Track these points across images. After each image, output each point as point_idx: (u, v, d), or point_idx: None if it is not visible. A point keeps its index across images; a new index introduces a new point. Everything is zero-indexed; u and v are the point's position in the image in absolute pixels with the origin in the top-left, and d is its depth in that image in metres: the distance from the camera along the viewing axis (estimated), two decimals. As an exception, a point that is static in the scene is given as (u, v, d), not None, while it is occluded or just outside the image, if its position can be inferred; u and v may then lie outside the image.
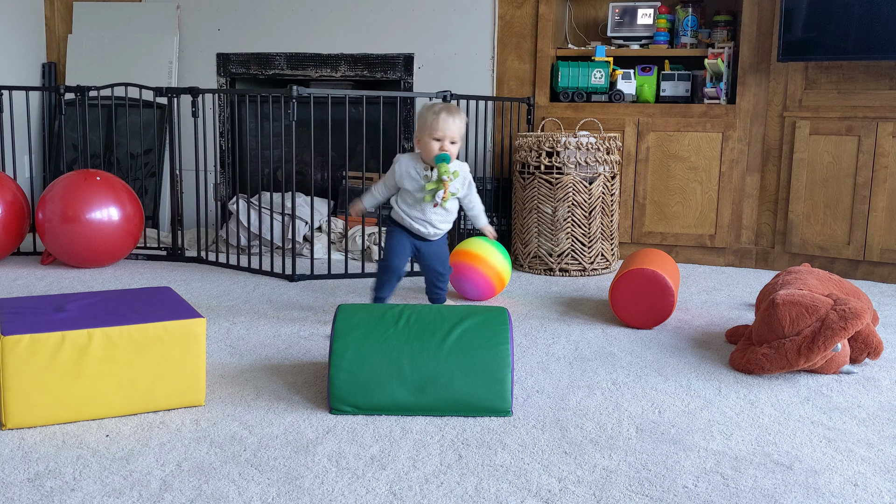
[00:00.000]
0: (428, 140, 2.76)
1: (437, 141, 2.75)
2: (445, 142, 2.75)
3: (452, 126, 2.76)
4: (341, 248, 4.29)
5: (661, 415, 2.16)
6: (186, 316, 2.11)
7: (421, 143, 2.80)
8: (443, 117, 2.74)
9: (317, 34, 4.73)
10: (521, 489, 1.73)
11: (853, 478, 1.82)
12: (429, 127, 2.75)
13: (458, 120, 2.77)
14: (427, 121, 2.76)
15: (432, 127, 2.75)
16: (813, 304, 2.44)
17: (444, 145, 2.75)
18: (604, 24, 4.52)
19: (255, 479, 1.75)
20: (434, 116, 2.75)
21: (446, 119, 2.74)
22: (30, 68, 5.00)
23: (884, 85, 3.84)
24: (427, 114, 2.77)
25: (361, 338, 2.14)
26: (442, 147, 2.75)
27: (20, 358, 1.94)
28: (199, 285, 3.58)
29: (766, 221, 4.16)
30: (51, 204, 3.75)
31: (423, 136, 2.78)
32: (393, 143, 4.57)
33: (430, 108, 2.78)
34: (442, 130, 2.74)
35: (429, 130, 2.75)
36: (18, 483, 1.71)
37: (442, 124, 2.74)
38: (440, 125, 2.74)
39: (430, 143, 2.76)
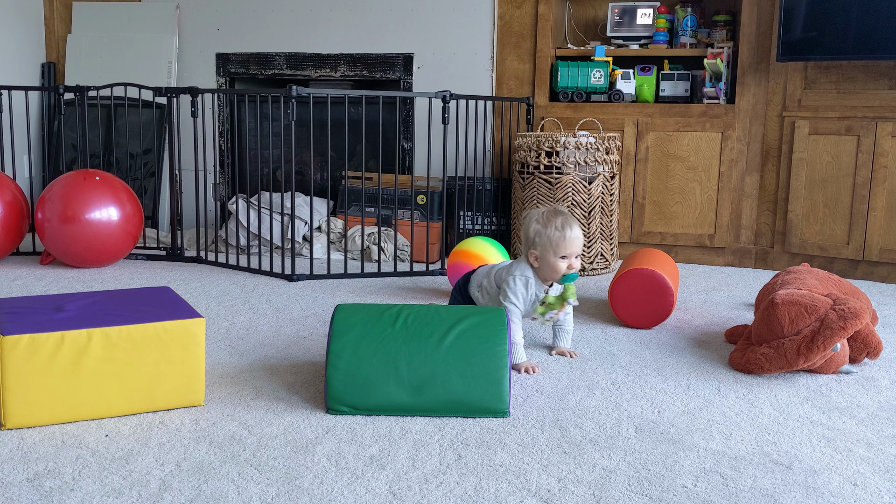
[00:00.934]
0: (553, 259, 2.52)
1: (564, 259, 2.53)
2: (571, 258, 2.53)
3: (579, 239, 2.54)
4: (341, 247, 4.29)
5: (660, 414, 2.16)
6: (186, 316, 2.11)
7: (541, 261, 2.55)
8: (569, 234, 2.51)
9: (316, 34, 4.73)
10: (520, 489, 1.73)
11: (852, 477, 1.82)
12: (553, 246, 2.51)
13: (579, 229, 2.56)
14: (550, 239, 2.51)
15: (558, 245, 2.51)
16: (812, 304, 2.44)
17: (572, 262, 2.53)
18: (603, 23, 4.52)
19: (254, 479, 1.75)
20: (558, 234, 2.51)
21: (572, 235, 2.51)
22: (29, 68, 5.00)
23: (883, 85, 3.84)
24: (546, 231, 2.52)
25: (359, 338, 2.14)
26: (570, 265, 2.53)
27: (19, 358, 1.93)
28: (199, 285, 3.58)
29: (765, 221, 4.16)
30: (50, 204, 3.75)
31: (547, 255, 2.53)
32: (392, 143, 4.57)
33: (550, 223, 2.54)
34: (570, 248, 2.51)
35: (553, 249, 2.51)
36: (18, 483, 1.71)
37: (569, 242, 2.51)
38: (568, 243, 2.51)
39: (555, 263, 2.52)
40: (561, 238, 2.50)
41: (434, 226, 4.19)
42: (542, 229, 2.53)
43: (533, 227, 2.56)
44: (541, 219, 2.57)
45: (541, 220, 2.56)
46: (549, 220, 2.54)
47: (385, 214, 4.29)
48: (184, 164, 4.69)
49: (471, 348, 2.12)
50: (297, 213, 4.22)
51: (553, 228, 2.52)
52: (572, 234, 2.51)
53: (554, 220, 2.54)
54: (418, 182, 4.37)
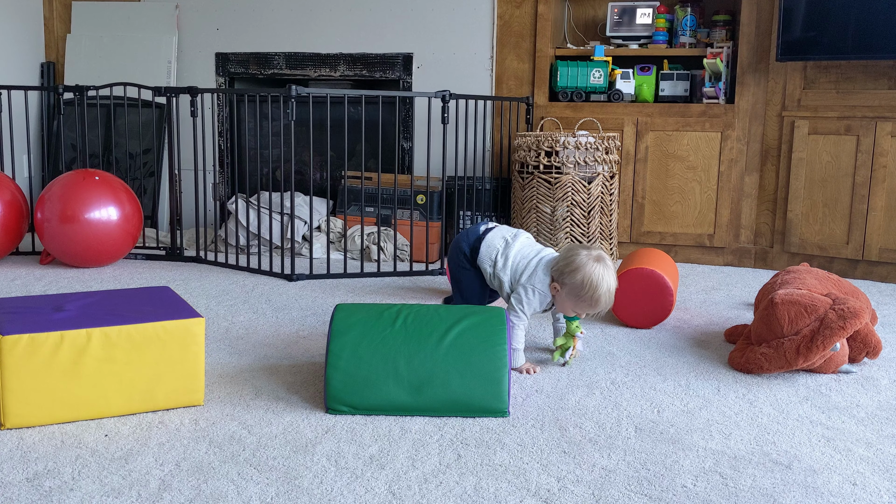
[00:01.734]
0: (571, 305, 2.45)
1: (582, 312, 2.47)
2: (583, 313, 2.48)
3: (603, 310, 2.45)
4: (340, 247, 4.29)
5: (659, 414, 2.16)
6: (185, 316, 2.11)
7: (560, 295, 2.46)
8: (602, 303, 2.40)
9: (316, 34, 4.73)
10: (520, 488, 1.73)
11: (852, 477, 1.82)
12: (583, 299, 2.41)
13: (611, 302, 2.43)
14: (586, 295, 2.39)
15: (586, 303, 2.42)
16: (812, 304, 2.44)
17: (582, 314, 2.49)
18: (603, 23, 4.52)
19: (253, 479, 1.75)
20: (593, 296, 2.39)
21: (601, 305, 2.41)
22: (28, 68, 4.99)
23: (882, 84, 3.84)
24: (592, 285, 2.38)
25: (358, 338, 2.14)
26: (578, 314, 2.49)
27: (19, 358, 1.93)
28: (198, 285, 3.58)
29: (764, 221, 4.16)
30: (49, 203, 3.74)
31: (570, 298, 2.44)
32: (392, 142, 4.57)
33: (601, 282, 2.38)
34: (591, 309, 2.44)
35: (580, 302, 2.42)
36: (17, 483, 1.71)
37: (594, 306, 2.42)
38: (592, 306, 2.43)
39: (571, 307, 2.46)
40: (595, 300, 2.40)
41: (433, 225, 4.19)
42: (587, 280, 2.38)
43: (580, 273, 2.40)
44: (593, 272, 2.39)
45: (592, 272, 2.39)
46: (602, 278, 2.39)
47: (384, 214, 4.29)
48: (183, 163, 4.69)
49: (470, 348, 2.12)
50: (297, 213, 4.22)
51: (600, 292, 2.39)
52: (602, 304, 2.41)
53: (607, 280, 2.39)
54: (418, 182, 4.37)
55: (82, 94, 4.12)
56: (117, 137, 4.85)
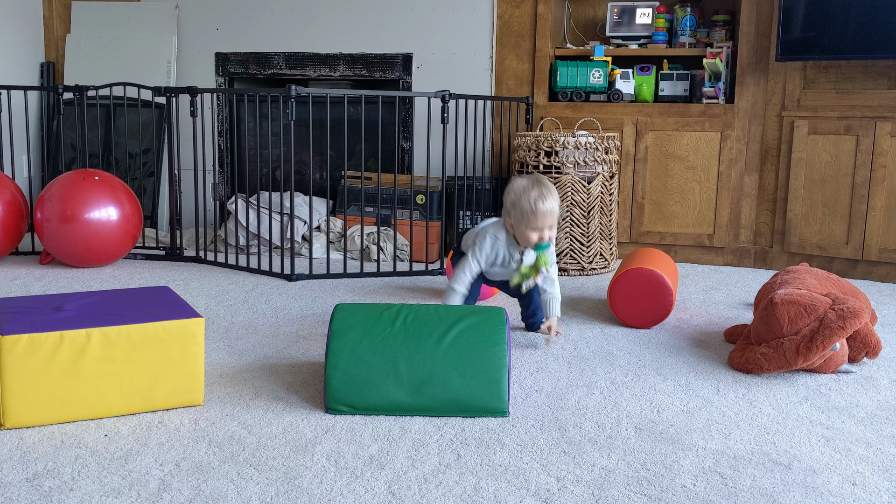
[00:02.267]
0: (525, 230, 2.56)
1: (535, 230, 2.56)
2: (544, 231, 2.56)
3: (552, 214, 2.54)
4: (340, 247, 4.29)
5: (659, 414, 2.16)
6: (185, 316, 2.11)
7: (515, 229, 2.60)
8: (541, 208, 2.52)
9: (315, 34, 4.73)
10: (519, 488, 1.73)
11: (852, 477, 1.82)
12: (525, 220, 2.54)
13: (554, 204, 2.54)
14: (523, 212, 2.54)
15: (529, 220, 2.54)
16: (811, 304, 2.44)
17: (543, 234, 2.56)
18: (602, 23, 4.52)
19: (253, 479, 1.75)
20: (530, 207, 2.52)
21: (543, 210, 2.52)
22: (28, 68, 4.99)
23: (882, 84, 3.84)
24: (520, 202, 2.54)
25: (358, 338, 2.14)
26: (541, 237, 2.56)
27: (19, 358, 1.93)
28: (198, 285, 3.58)
29: (764, 221, 4.17)
30: (49, 203, 3.74)
31: (518, 226, 2.57)
32: (392, 142, 4.57)
33: (522, 196, 2.54)
34: (541, 222, 2.54)
35: (525, 222, 2.55)
36: (17, 483, 1.71)
37: (541, 217, 2.53)
38: (539, 218, 2.53)
39: (527, 234, 2.56)
40: (532, 212, 2.52)
41: (433, 225, 4.19)
42: (517, 200, 2.55)
43: (510, 197, 2.59)
44: (518, 189, 2.57)
45: (518, 190, 2.57)
46: (526, 191, 2.55)
47: (384, 214, 4.29)
48: (183, 163, 4.69)
49: (470, 348, 2.12)
50: (297, 213, 4.22)
51: (526, 201, 2.52)
52: (544, 208, 2.52)
53: (530, 192, 2.54)
54: (417, 182, 4.37)
55: (82, 94, 4.12)
56: (117, 137, 4.85)
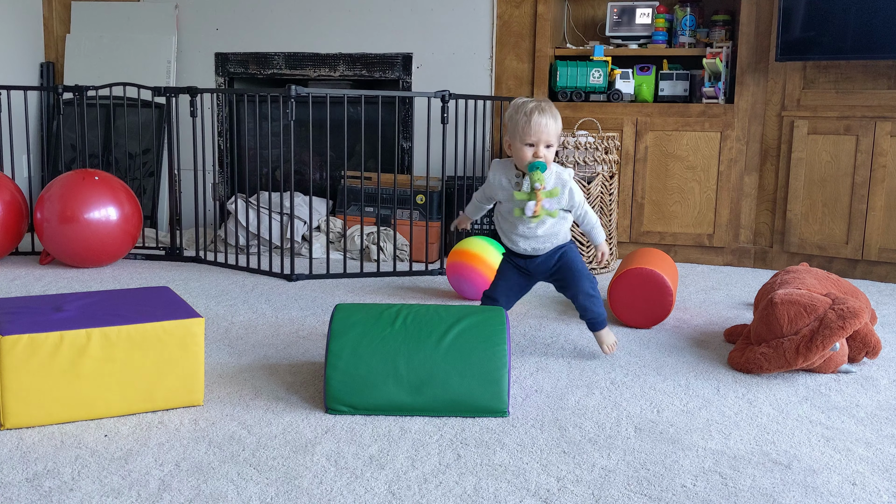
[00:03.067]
0: (519, 145, 2.43)
1: (530, 146, 2.42)
2: (539, 146, 2.42)
3: (547, 127, 2.41)
4: (340, 247, 4.29)
5: (659, 414, 2.16)
6: (185, 316, 2.11)
7: (512, 149, 2.48)
8: (535, 119, 2.40)
9: (315, 34, 4.73)
10: (519, 488, 1.73)
11: (851, 477, 1.82)
12: (519, 130, 2.42)
13: (551, 119, 2.43)
14: (517, 123, 2.43)
15: (523, 130, 2.41)
16: (811, 304, 2.44)
17: (538, 150, 2.42)
18: (602, 23, 4.52)
19: (253, 479, 1.75)
20: (525, 118, 2.41)
21: (538, 120, 2.40)
22: (28, 68, 4.99)
23: (882, 84, 3.84)
24: (516, 115, 2.44)
25: (358, 338, 2.14)
26: (535, 153, 2.42)
27: (19, 358, 1.93)
28: (198, 285, 3.58)
29: (764, 221, 4.17)
30: (49, 204, 3.74)
31: (514, 141, 2.45)
32: (392, 142, 4.57)
33: (520, 109, 2.45)
34: (535, 134, 2.40)
35: (519, 134, 2.42)
36: (17, 483, 1.71)
37: (535, 127, 2.40)
38: (532, 128, 2.40)
39: (521, 149, 2.43)
40: (526, 123, 2.40)
41: (433, 225, 4.19)
42: (513, 113, 2.46)
43: (508, 112, 2.50)
44: (516, 102, 2.48)
45: (516, 103, 2.48)
46: (524, 104, 2.45)
47: (384, 214, 4.29)
48: (183, 163, 4.69)
49: (470, 348, 2.12)
50: (297, 213, 4.22)
51: (521, 114, 2.42)
52: (539, 120, 2.40)
53: (527, 104, 2.44)
54: (417, 182, 4.37)
55: (82, 94, 4.12)
56: (117, 137, 4.85)
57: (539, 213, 2.41)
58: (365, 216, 4.25)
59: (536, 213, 2.41)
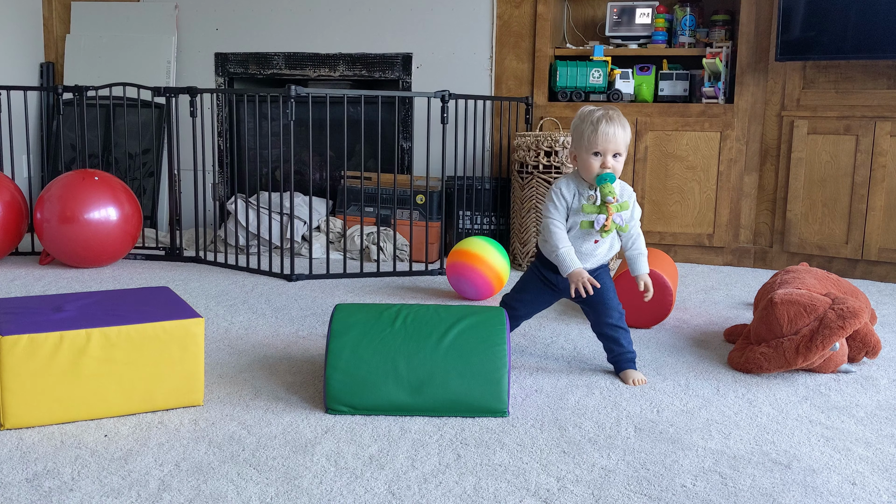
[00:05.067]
0: (585, 156, 2.34)
1: (597, 156, 2.32)
2: (607, 156, 2.32)
3: (615, 136, 2.32)
4: (340, 247, 4.29)
5: (659, 414, 2.16)
6: (185, 316, 2.11)
7: (577, 160, 2.38)
8: (603, 128, 2.30)
9: (315, 34, 4.73)
10: (519, 488, 1.73)
11: (851, 476, 1.82)
12: (585, 140, 2.33)
13: (619, 128, 2.33)
14: (583, 133, 2.34)
15: (590, 140, 2.32)
16: (811, 304, 2.44)
17: (606, 161, 2.32)
18: (602, 23, 4.52)
19: (253, 479, 1.75)
20: (591, 127, 2.32)
21: (606, 129, 2.31)
22: (28, 68, 4.99)
23: (881, 84, 3.84)
24: (582, 125, 2.35)
25: (358, 338, 2.14)
26: (603, 163, 2.32)
27: (18, 358, 1.93)
28: (198, 285, 3.58)
29: (764, 221, 4.17)
30: (49, 204, 3.74)
31: (580, 152, 2.36)
32: (391, 142, 4.57)
33: (586, 119, 2.35)
34: (602, 143, 2.31)
35: (585, 144, 2.33)
36: (17, 483, 1.71)
37: (602, 137, 2.30)
38: (599, 137, 2.30)
39: (588, 160, 2.33)
40: (593, 132, 2.31)
41: (433, 225, 4.19)
42: (580, 123, 2.36)
43: (574, 123, 2.39)
44: (583, 113, 2.38)
45: (583, 114, 2.37)
46: (590, 113, 2.35)
47: (384, 214, 4.29)
48: (183, 163, 4.69)
49: (470, 348, 2.12)
50: (296, 213, 4.22)
51: (587, 123, 2.33)
52: (606, 129, 2.30)
53: (594, 113, 2.34)
54: (417, 182, 4.37)
55: (81, 94, 4.12)
56: (117, 138, 4.85)
57: (609, 228, 2.32)
58: (365, 216, 4.25)
59: (607, 228, 2.32)
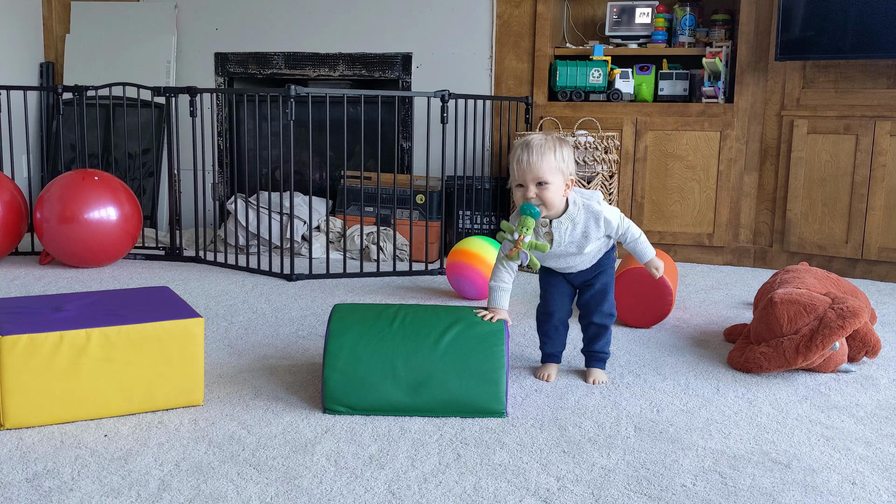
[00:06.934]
0: (514, 188, 2.24)
1: (520, 187, 2.21)
2: (529, 187, 2.18)
3: (529, 165, 2.17)
4: (339, 247, 4.29)
5: (659, 414, 2.16)
6: (185, 316, 2.11)
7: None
8: (518, 157, 2.19)
9: (315, 33, 4.73)
10: (519, 488, 1.73)
11: (851, 476, 1.82)
12: (511, 173, 2.24)
13: (537, 155, 2.17)
14: (510, 166, 2.25)
15: (512, 172, 2.23)
16: (811, 303, 2.44)
17: (528, 191, 2.18)
18: (602, 23, 4.52)
19: (253, 479, 1.75)
20: (513, 158, 2.22)
21: (521, 158, 2.18)
22: (27, 68, 4.99)
23: (881, 84, 3.84)
24: (510, 157, 2.25)
25: (356, 338, 2.14)
26: (525, 195, 2.19)
27: (18, 358, 1.93)
28: (198, 285, 3.58)
29: (764, 220, 4.17)
30: (49, 204, 3.74)
31: (512, 184, 2.27)
32: (391, 142, 4.57)
33: (513, 150, 2.25)
34: (519, 174, 2.19)
35: (512, 176, 2.24)
36: (17, 483, 1.71)
37: (517, 167, 2.19)
38: (516, 168, 2.20)
39: (515, 192, 2.24)
40: (513, 162, 2.21)
41: (433, 225, 4.19)
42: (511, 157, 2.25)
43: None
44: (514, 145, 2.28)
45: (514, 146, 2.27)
46: (516, 146, 2.24)
47: (384, 214, 4.29)
48: (182, 163, 4.69)
49: (468, 348, 2.12)
50: (296, 213, 4.22)
51: (513, 154, 2.22)
52: (521, 157, 2.17)
53: (517, 145, 2.23)
54: (417, 181, 4.37)
55: (81, 94, 4.12)
56: (116, 138, 4.84)
57: (513, 257, 2.20)
58: (365, 216, 4.25)
59: (510, 257, 2.21)
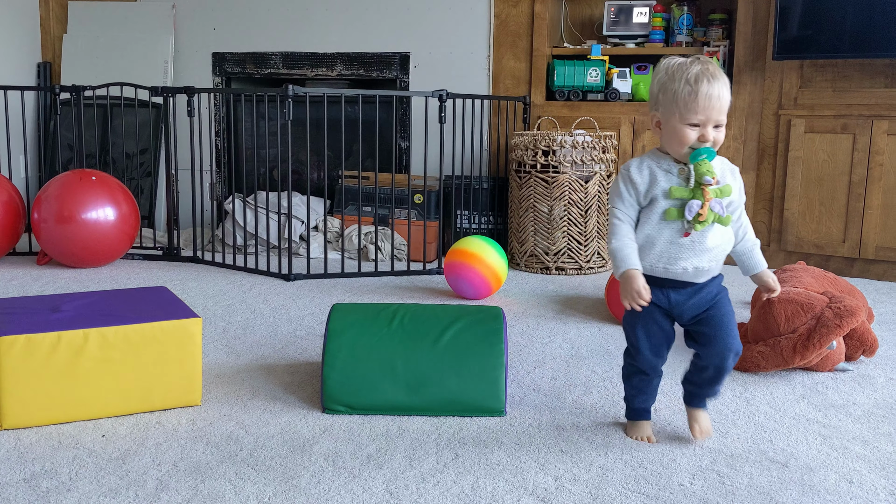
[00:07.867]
0: (679, 126, 1.77)
1: (694, 127, 1.76)
2: (707, 127, 1.76)
3: (720, 100, 1.75)
4: (337, 247, 4.29)
5: (657, 413, 2.17)
6: (182, 316, 2.11)
7: (664, 127, 1.81)
8: (704, 89, 1.73)
9: (312, 33, 4.73)
10: (517, 487, 1.73)
11: (848, 475, 1.82)
12: (680, 105, 1.76)
13: (724, 88, 1.76)
14: (676, 95, 1.76)
15: (685, 104, 1.75)
16: (808, 302, 2.45)
17: (706, 132, 1.76)
18: (599, 22, 4.52)
19: (251, 479, 1.75)
20: (688, 88, 1.74)
21: (708, 91, 1.74)
22: (25, 68, 4.99)
23: (878, 83, 3.85)
24: (673, 83, 1.77)
25: (355, 338, 2.14)
26: (702, 136, 1.76)
27: (16, 358, 1.93)
28: (196, 285, 3.58)
29: (761, 219, 4.17)
30: (46, 204, 3.74)
31: (670, 119, 1.79)
32: (389, 142, 4.57)
33: (678, 75, 1.77)
34: (704, 110, 1.74)
35: (679, 110, 1.76)
36: (14, 483, 1.71)
37: (703, 102, 1.74)
38: (701, 103, 1.74)
39: (682, 131, 1.77)
40: (691, 95, 1.74)
41: (431, 225, 4.19)
42: (668, 81, 1.78)
43: (658, 78, 1.82)
44: (671, 66, 1.80)
45: (671, 67, 1.80)
46: (682, 68, 1.77)
47: (382, 213, 4.29)
48: (180, 163, 4.68)
49: (467, 348, 2.12)
50: (294, 213, 4.22)
51: (683, 82, 1.75)
52: (709, 91, 1.74)
53: (687, 70, 1.76)
54: (415, 181, 4.37)
55: (79, 94, 4.12)
56: (114, 137, 4.84)
57: (706, 218, 1.76)
58: (363, 216, 4.25)
59: (702, 218, 1.76)
